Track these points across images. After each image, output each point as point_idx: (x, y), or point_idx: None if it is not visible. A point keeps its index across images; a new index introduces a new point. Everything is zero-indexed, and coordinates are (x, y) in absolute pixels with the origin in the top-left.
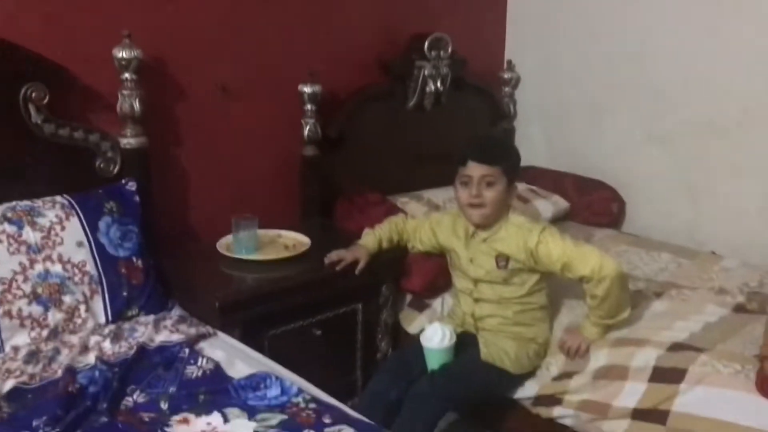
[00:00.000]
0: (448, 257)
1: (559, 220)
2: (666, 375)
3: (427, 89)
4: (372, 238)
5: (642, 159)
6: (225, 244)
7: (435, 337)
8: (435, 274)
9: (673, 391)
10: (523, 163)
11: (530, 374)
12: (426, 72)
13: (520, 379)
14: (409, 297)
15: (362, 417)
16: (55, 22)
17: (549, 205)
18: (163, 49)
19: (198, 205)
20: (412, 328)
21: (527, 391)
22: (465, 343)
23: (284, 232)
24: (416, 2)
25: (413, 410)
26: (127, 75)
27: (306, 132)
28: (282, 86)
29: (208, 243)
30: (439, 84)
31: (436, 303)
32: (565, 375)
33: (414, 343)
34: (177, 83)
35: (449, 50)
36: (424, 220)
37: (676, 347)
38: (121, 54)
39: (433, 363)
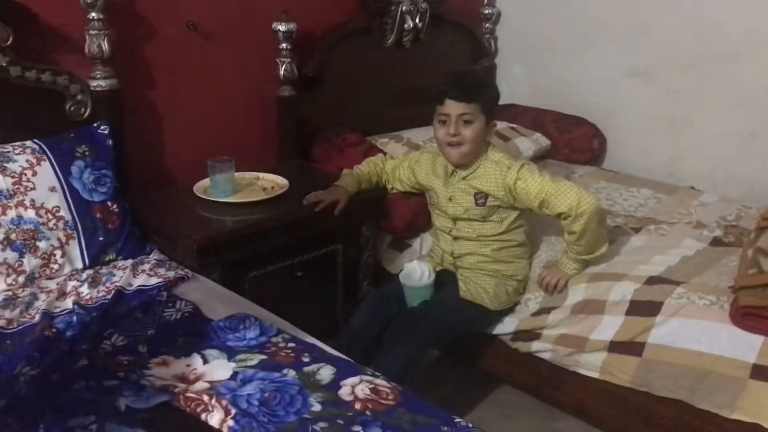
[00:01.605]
0: (428, 196)
1: (540, 158)
2: (642, 308)
3: (406, 26)
4: (351, 179)
5: (623, 95)
6: (202, 187)
7: (414, 275)
8: (415, 214)
9: (649, 323)
10: (504, 100)
11: (509, 310)
12: (404, 8)
13: (498, 316)
14: (389, 237)
15: (341, 355)
16: None
17: (530, 142)
18: None
19: (173, 148)
20: (392, 268)
21: (506, 326)
22: (444, 281)
23: (262, 174)
24: None
25: (393, 347)
26: (93, 14)
27: (282, 72)
28: (256, 24)
29: (185, 186)
30: (417, 20)
31: (416, 242)
32: (544, 310)
33: (394, 282)
34: (147, 22)
35: None
36: (403, 160)
37: (652, 281)
38: None
39: (412, 300)
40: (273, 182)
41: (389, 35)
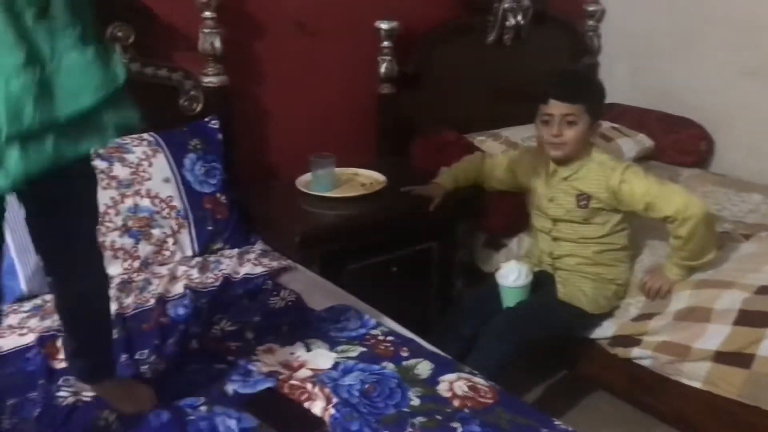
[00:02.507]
0: (527, 196)
1: (643, 159)
2: (752, 318)
3: (507, 23)
4: (448, 176)
5: (733, 95)
6: (304, 182)
7: (511, 275)
8: (512, 213)
9: (759, 335)
10: (607, 99)
11: (608, 314)
12: (506, 5)
13: (597, 319)
14: (485, 236)
15: (439, 351)
16: None
17: (633, 143)
18: None
19: (277, 143)
20: (487, 267)
21: (605, 330)
22: (541, 282)
23: (361, 171)
24: None
25: (488, 347)
26: (207, 13)
27: (383, 69)
28: (359, 23)
29: (288, 180)
30: (519, 18)
31: (513, 242)
32: (645, 316)
33: (490, 281)
34: (256, 21)
35: None
36: (503, 158)
37: (763, 290)
38: None
39: (508, 301)
40: (371, 178)
41: (490, 33)
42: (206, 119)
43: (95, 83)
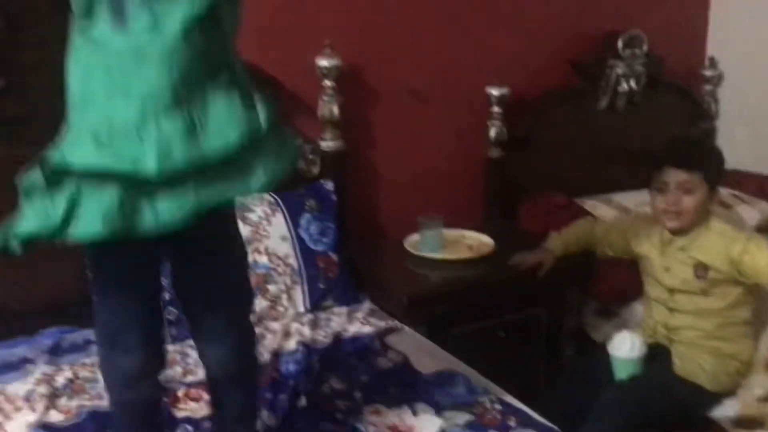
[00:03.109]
0: (640, 264)
1: (766, 230)
2: None
3: (620, 89)
4: (558, 241)
5: None
6: (411, 242)
7: (624, 346)
8: (625, 281)
9: None
10: (726, 165)
11: (730, 392)
12: (619, 71)
13: (717, 397)
14: (596, 304)
15: (547, 422)
16: (265, 34)
17: (755, 212)
18: (358, 56)
19: (386, 204)
20: (598, 336)
21: (726, 410)
22: (656, 354)
23: (468, 233)
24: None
25: (600, 420)
26: (327, 82)
27: (492, 133)
28: (469, 88)
29: (396, 239)
30: (633, 83)
31: (625, 311)
32: None
33: (601, 351)
34: (371, 88)
35: (645, 48)
36: (616, 224)
37: None
38: (323, 63)
39: (621, 373)
40: (478, 240)
41: (602, 98)
42: (322, 181)
43: (240, 123)
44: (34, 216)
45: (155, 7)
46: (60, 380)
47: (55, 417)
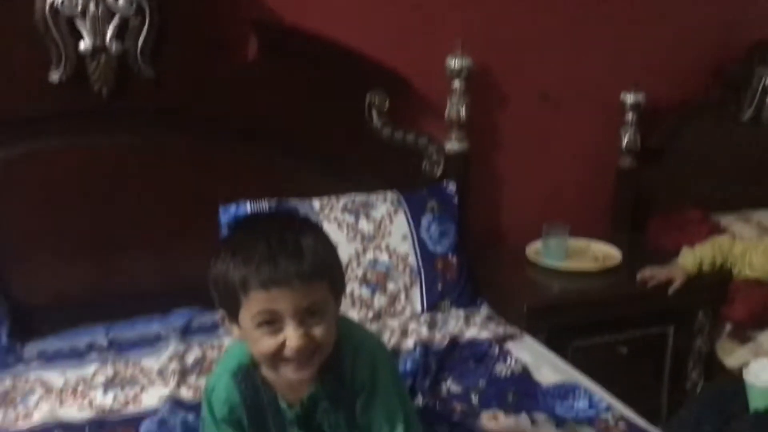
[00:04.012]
0: None
1: None
2: None
3: (767, 100)
4: (691, 258)
5: None
6: (534, 249)
7: (762, 374)
8: (764, 304)
9: None
10: None
11: None
12: (766, 82)
13: None
14: (729, 326)
15: None
16: (396, 34)
17: None
18: (489, 58)
19: (509, 209)
20: (730, 361)
21: None
22: None
23: (594, 243)
24: (760, 6)
25: None
26: (457, 83)
27: (624, 142)
28: (603, 94)
29: (516, 246)
30: None
31: (763, 336)
32: None
33: (734, 377)
34: (500, 90)
35: None
36: (757, 244)
37: None
38: (454, 63)
39: (757, 402)
40: (605, 252)
41: (746, 110)
42: (444, 183)
43: None
44: None
45: None
46: (190, 358)
47: (185, 393)
